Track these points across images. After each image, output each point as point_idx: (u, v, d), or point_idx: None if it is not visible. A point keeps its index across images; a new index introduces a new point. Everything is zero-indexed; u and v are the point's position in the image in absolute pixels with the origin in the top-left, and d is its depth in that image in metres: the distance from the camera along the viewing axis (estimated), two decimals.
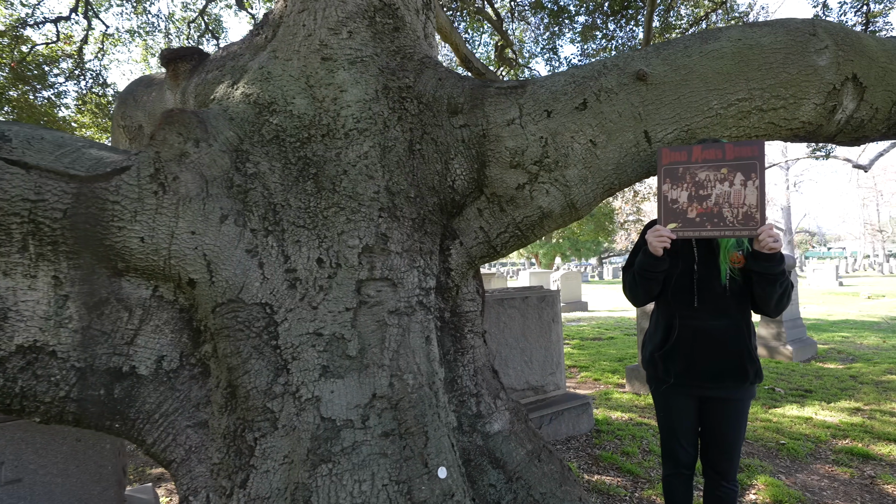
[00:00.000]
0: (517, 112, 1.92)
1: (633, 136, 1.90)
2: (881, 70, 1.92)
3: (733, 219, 1.66)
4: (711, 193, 1.69)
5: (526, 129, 1.91)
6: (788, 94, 1.85)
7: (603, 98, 1.90)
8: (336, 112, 1.88)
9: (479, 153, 1.93)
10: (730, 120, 1.86)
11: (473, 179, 1.96)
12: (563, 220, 2.02)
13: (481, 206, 2.02)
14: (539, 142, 1.90)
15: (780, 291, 1.66)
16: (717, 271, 1.74)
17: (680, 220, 1.72)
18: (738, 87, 1.84)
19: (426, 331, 1.81)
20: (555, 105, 1.92)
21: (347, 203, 1.74)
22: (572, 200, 1.94)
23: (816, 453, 3.75)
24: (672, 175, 1.73)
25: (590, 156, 1.91)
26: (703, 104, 1.86)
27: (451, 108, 1.96)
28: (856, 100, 1.92)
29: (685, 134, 1.89)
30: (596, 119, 1.90)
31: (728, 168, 1.67)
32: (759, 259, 1.63)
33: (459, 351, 2.26)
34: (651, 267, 1.75)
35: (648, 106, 1.89)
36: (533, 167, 1.91)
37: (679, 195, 1.73)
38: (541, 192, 1.93)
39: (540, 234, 2.06)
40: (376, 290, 1.70)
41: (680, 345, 1.77)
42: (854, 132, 2.02)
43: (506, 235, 2.02)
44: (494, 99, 1.95)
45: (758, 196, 1.64)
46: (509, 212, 1.98)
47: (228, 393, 1.66)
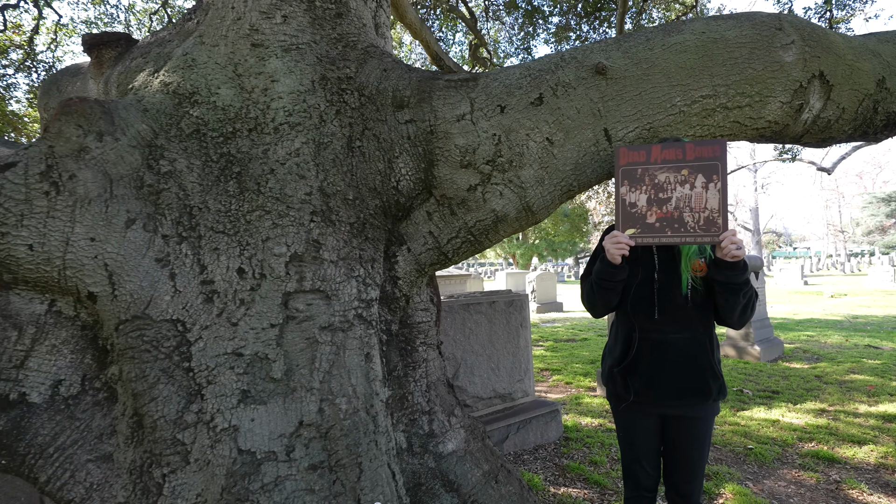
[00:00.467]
0: (468, 107, 1.77)
1: (592, 134, 1.77)
2: (848, 68, 1.83)
3: (694, 224, 1.54)
4: (671, 196, 1.57)
5: (477, 126, 1.75)
6: (754, 91, 1.74)
7: (560, 93, 1.76)
8: (266, 104, 1.69)
9: (427, 151, 1.77)
10: (694, 118, 1.75)
11: (421, 180, 1.79)
12: (518, 225, 1.87)
13: (430, 210, 1.86)
14: (492, 139, 1.75)
15: (744, 302, 1.54)
16: (678, 280, 1.61)
17: (639, 226, 1.59)
18: (703, 82, 1.73)
19: (366, 347, 1.63)
20: (509, 100, 1.77)
21: (274, 206, 1.55)
22: (528, 203, 1.80)
23: (783, 458, 3.72)
24: (630, 177, 1.60)
25: (546, 155, 1.77)
26: (666, 100, 1.73)
27: (396, 101, 1.79)
28: (822, 99, 1.83)
29: (647, 132, 1.77)
30: (553, 115, 1.76)
31: (689, 169, 1.55)
32: (722, 267, 1.51)
33: (410, 365, 2.09)
34: (609, 276, 1.62)
35: (608, 102, 1.75)
36: (485, 167, 1.76)
37: (638, 198, 1.60)
38: (494, 194, 1.78)
39: (495, 240, 1.91)
40: (306, 304, 1.51)
41: (640, 360, 1.64)
42: (821, 133, 1.94)
43: (457, 241, 1.86)
44: (443, 92, 1.78)
45: (720, 200, 1.52)
46: (461, 215, 1.82)
47: (135, 422, 1.46)
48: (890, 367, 6.30)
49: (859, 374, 6.03)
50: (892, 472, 3.45)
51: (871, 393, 5.21)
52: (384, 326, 1.86)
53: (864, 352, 7.37)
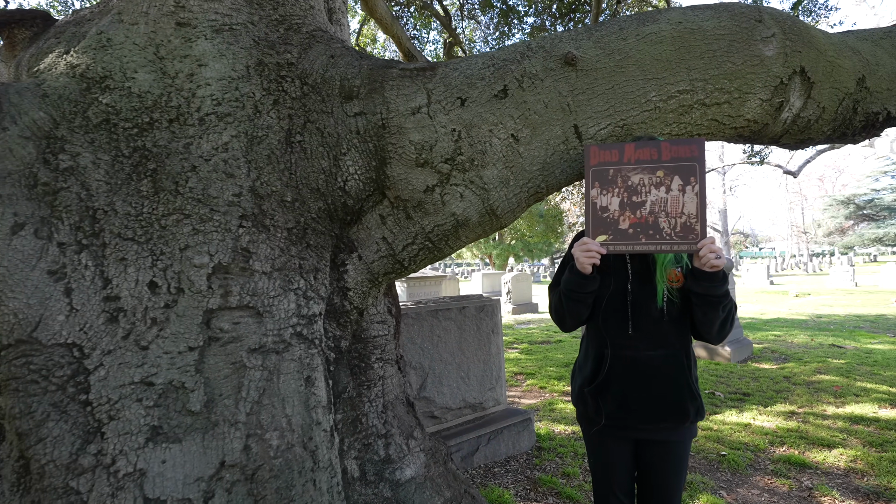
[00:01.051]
0: (424, 99, 1.58)
1: (561, 130, 1.61)
2: (829, 65, 1.72)
3: (670, 230, 1.39)
4: (646, 200, 1.42)
5: (435, 120, 1.57)
6: (733, 87, 1.61)
7: (526, 85, 1.59)
8: (191, 91, 1.47)
9: (379, 147, 1.58)
10: (670, 115, 1.61)
11: (372, 180, 1.60)
12: (481, 230, 1.70)
13: (384, 213, 1.67)
14: (451, 135, 1.57)
15: (723, 316, 1.41)
16: (653, 292, 1.47)
17: (611, 232, 1.44)
18: (679, 76, 1.59)
19: (306, 370, 1.43)
20: (470, 92, 1.59)
21: (195, 209, 1.34)
22: (492, 206, 1.63)
23: (756, 464, 3.67)
24: (602, 178, 1.45)
25: (511, 153, 1.60)
26: (641, 95, 1.59)
27: (344, 91, 1.59)
28: (803, 97, 1.72)
29: (620, 130, 1.62)
30: (518, 110, 1.59)
31: (664, 171, 1.41)
32: (700, 278, 1.38)
33: (364, 385, 1.89)
34: (578, 287, 1.46)
35: (579, 96, 1.60)
36: (444, 166, 1.58)
37: (610, 202, 1.44)
38: (454, 197, 1.60)
39: (456, 246, 1.73)
40: (232, 323, 1.30)
41: (612, 379, 1.49)
42: (800, 133, 1.83)
43: (414, 248, 1.68)
44: (397, 82, 1.60)
45: (697, 204, 1.38)
46: (417, 219, 1.64)
47: (21, 466, 1.22)
48: (854, 367, 6.42)
49: (825, 374, 6.11)
50: (862, 476, 3.43)
51: (838, 394, 5.26)
52: (332, 343, 1.66)
53: (829, 351, 7.52)
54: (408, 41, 6.80)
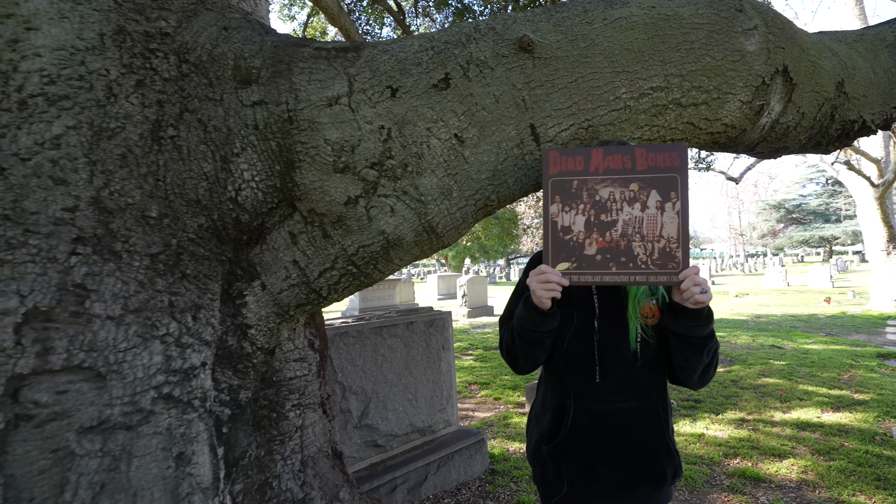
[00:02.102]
0: (345, 86, 1.24)
1: (514, 131, 1.32)
2: (811, 65, 1.53)
3: (646, 257, 1.13)
4: (617, 220, 1.15)
5: (358, 114, 1.24)
6: (712, 85, 1.38)
7: (473, 74, 1.29)
8: (11, 64, 1.05)
9: (284, 147, 1.22)
10: (642, 116, 1.35)
11: (275, 188, 1.24)
12: (419, 251, 1.38)
13: (295, 230, 1.31)
14: (378, 134, 1.24)
15: (707, 361, 1.16)
16: (624, 330, 1.21)
17: (574, 259, 1.16)
18: (653, 70, 1.34)
19: (179, 444, 1.06)
20: (403, 80, 1.27)
21: (1, 229, 0.94)
22: (430, 222, 1.31)
23: (712, 479, 3.58)
24: (563, 191, 1.17)
25: (454, 158, 1.29)
26: (609, 91, 1.32)
27: (240, 73, 1.23)
28: (783, 101, 1.51)
29: (585, 132, 1.35)
30: (463, 104, 1.28)
31: (639, 183, 1.14)
32: (681, 316, 1.12)
33: (276, 439, 1.53)
34: (534, 325, 1.18)
35: (536, 89, 1.31)
36: (369, 172, 1.25)
37: (573, 221, 1.16)
38: (382, 211, 1.27)
39: (387, 270, 1.40)
40: (55, 393, 0.91)
41: (576, 437, 1.22)
42: (777, 141, 1.64)
43: (333, 274, 1.33)
44: (310, 64, 1.25)
45: (679, 225, 1.13)
46: (337, 239, 1.30)
47: None
48: (794, 369, 6.62)
49: (769, 377, 6.26)
50: (814, 488, 3.40)
51: (783, 398, 5.36)
52: (226, 397, 1.29)
53: (770, 352, 7.77)
54: (357, 35, 6.40)
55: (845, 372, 6.40)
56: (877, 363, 6.95)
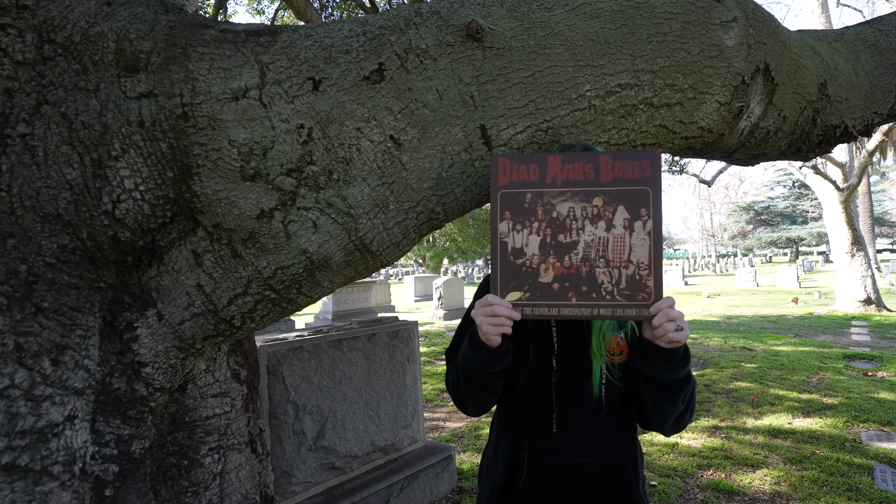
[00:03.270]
0: (255, 76, 1.03)
1: (462, 132, 1.12)
2: (793, 64, 1.39)
3: (612, 286, 0.95)
4: (578, 241, 0.97)
5: (271, 110, 1.02)
6: (687, 83, 1.21)
7: (412, 65, 1.09)
8: None
9: (178, 150, 1.00)
10: (609, 117, 1.18)
11: (167, 199, 1.02)
12: (352, 271, 1.18)
13: (199, 249, 1.09)
14: (296, 135, 1.03)
15: (683, 408, 0.99)
16: (587, 370, 1.03)
17: (527, 287, 0.97)
18: (621, 65, 1.16)
19: None
20: (328, 70, 1.06)
21: None
22: (362, 239, 1.11)
23: (686, 493, 3.47)
24: (515, 206, 0.98)
25: (391, 163, 1.09)
26: (572, 88, 1.14)
27: (123, 59, 1.00)
28: (763, 102, 1.36)
29: (544, 135, 1.17)
30: (400, 101, 1.08)
31: (604, 197, 0.97)
32: (652, 355, 0.95)
33: (188, 491, 1.30)
34: (481, 365, 0.99)
35: (487, 84, 1.12)
36: (286, 180, 1.04)
37: (526, 242, 0.98)
38: (303, 226, 1.06)
39: (315, 294, 1.19)
40: None
41: (530, 497, 1.03)
42: (756, 147, 1.49)
43: (247, 300, 1.12)
44: (212, 49, 1.03)
45: (650, 248, 0.95)
46: (250, 259, 1.08)
47: None
48: (765, 372, 6.65)
49: (741, 380, 6.26)
50: (787, 501, 3.33)
51: (755, 403, 5.34)
52: (112, 451, 1.06)
53: (742, 354, 7.82)
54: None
55: (814, 374, 6.46)
56: (843, 365, 7.06)
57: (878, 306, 10.80)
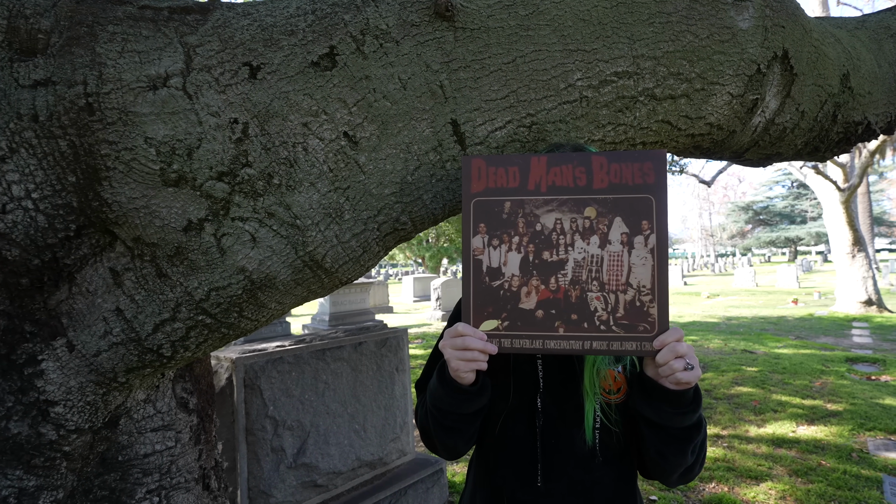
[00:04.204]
0: (180, 61, 0.86)
1: (430, 129, 0.95)
2: (813, 51, 1.22)
3: (607, 314, 0.78)
4: (566, 260, 0.80)
5: (199, 102, 0.85)
6: (694, 72, 1.04)
7: (371, 49, 0.92)
8: None
9: (82, 149, 0.83)
10: (603, 111, 1.01)
11: (70, 209, 0.85)
12: (306, 290, 1.01)
13: (118, 267, 0.92)
14: (229, 131, 0.86)
15: (692, 459, 0.82)
16: (578, 412, 0.86)
17: (506, 315, 0.80)
18: (618, 49, 0.99)
19: None
20: (269, 55, 0.89)
21: None
22: (313, 255, 0.93)
23: None
24: (490, 217, 0.81)
25: (345, 165, 0.92)
26: (560, 77, 0.97)
27: (17, 38, 0.83)
28: (780, 95, 1.20)
29: (527, 132, 1.00)
30: (356, 91, 0.91)
31: (598, 207, 0.80)
32: (655, 397, 0.78)
33: None
34: (452, 406, 0.82)
35: (459, 72, 0.95)
36: (217, 186, 0.86)
37: (504, 260, 0.81)
38: (239, 239, 0.89)
39: (262, 317, 1.02)
40: None
41: None
42: (770, 146, 1.32)
43: (177, 326, 0.94)
44: (126, 29, 0.86)
45: (653, 268, 0.78)
46: (178, 279, 0.91)
47: None
48: (767, 376, 6.50)
49: (742, 385, 6.11)
50: None
51: (757, 409, 5.19)
52: None
53: (742, 357, 7.67)
54: None
55: (817, 379, 6.31)
56: (846, 368, 6.91)
57: (879, 307, 10.66)
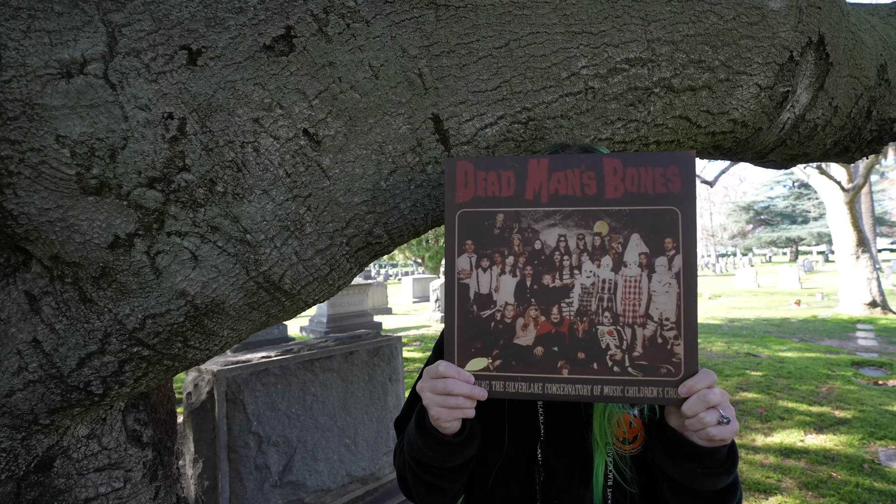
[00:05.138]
0: (101, 43, 0.71)
1: (407, 125, 0.80)
2: (851, 38, 1.07)
3: (622, 353, 0.64)
4: (572, 285, 0.65)
5: (124, 93, 0.70)
6: (718, 60, 0.89)
7: (336, 30, 0.77)
8: None
9: None
10: (612, 105, 0.86)
11: None
12: (263, 315, 0.86)
13: (35, 290, 0.77)
14: (161, 128, 0.71)
15: None
16: (586, 465, 0.71)
17: (498, 351, 0.65)
18: (630, 32, 0.84)
19: None
20: (212, 36, 0.74)
21: None
22: (268, 274, 0.78)
23: None
24: (479, 232, 0.66)
25: (305, 169, 0.77)
26: (561, 64, 0.82)
27: None
28: (813, 87, 1.05)
29: (523, 129, 0.85)
30: (318, 80, 0.76)
31: (611, 221, 0.65)
32: (683, 454, 0.63)
33: None
34: (433, 459, 0.67)
35: (442, 58, 0.80)
36: (147, 194, 0.72)
37: (496, 285, 0.66)
38: (177, 259, 0.74)
39: (214, 346, 0.87)
40: None
41: None
42: (798, 146, 1.17)
43: (107, 360, 0.79)
44: (33, 4, 0.71)
45: (679, 296, 0.63)
46: (105, 304, 0.76)
47: None
48: (772, 381, 6.35)
49: (748, 391, 5.96)
50: None
51: (764, 417, 5.04)
52: None
53: (746, 361, 7.52)
54: None
55: (823, 384, 6.16)
56: (852, 373, 6.76)
57: (883, 309, 10.52)
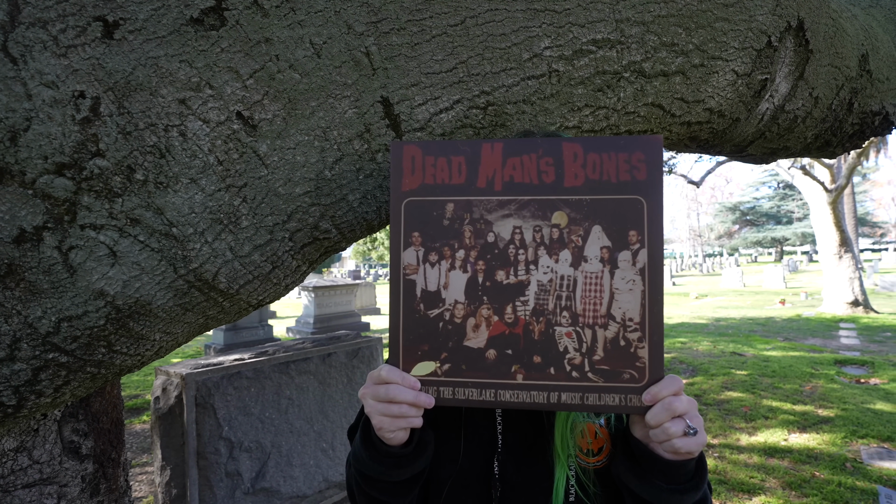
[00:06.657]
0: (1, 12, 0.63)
1: (353, 109, 0.73)
2: (831, 25, 1.02)
3: (582, 356, 0.57)
4: (528, 281, 0.59)
5: (27, 68, 0.62)
6: (692, 43, 0.84)
7: (272, 3, 0.70)
8: None
9: None
10: (578, 90, 0.80)
11: None
12: (200, 316, 0.78)
13: None
14: (71, 108, 0.64)
15: None
16: (547, 479, 0.65)
17: (446, 354, 0.59)
18: (597, 11, 0.78)
19: None
20: (131, 7, 0.67)
21: None
22: (200, 272, 0.71)
23: None
24: (427, 223, 0.59)
25: (240, 156, 0.70)
26: (523, 44, 0.76)
27: None
28: (792, 76, 1.00)
29: (481, 115, 0.78)
30: (253, 58, 0.69)
31: (570, 212, 0.58)
32: (648, 468, 0.57)
33: None
34: (378, 472, 0.61)
35: (392, 35, 0.73)
36: (56, 182, 0.64)
37: (444, 281, 0.59)
38: (93, 255, 0.66)
39: (146, 352, 0.79)
40: None
41: None
42: (777, 139, 1.12)
43: (18, 369, 0.71)
44: None
45: (644, 294, 0.57)
46: (12, 306, 0.68)
47: None
48: (757, 380, 6.39)
49: (732, 390, 5.99)
50: None
51: (748, 416, 5.06)
52: None
53: (731, 360, 7.57)
54: None
55: (807, 382, 6.21)
56: (835, 371, 6.83)
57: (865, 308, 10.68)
